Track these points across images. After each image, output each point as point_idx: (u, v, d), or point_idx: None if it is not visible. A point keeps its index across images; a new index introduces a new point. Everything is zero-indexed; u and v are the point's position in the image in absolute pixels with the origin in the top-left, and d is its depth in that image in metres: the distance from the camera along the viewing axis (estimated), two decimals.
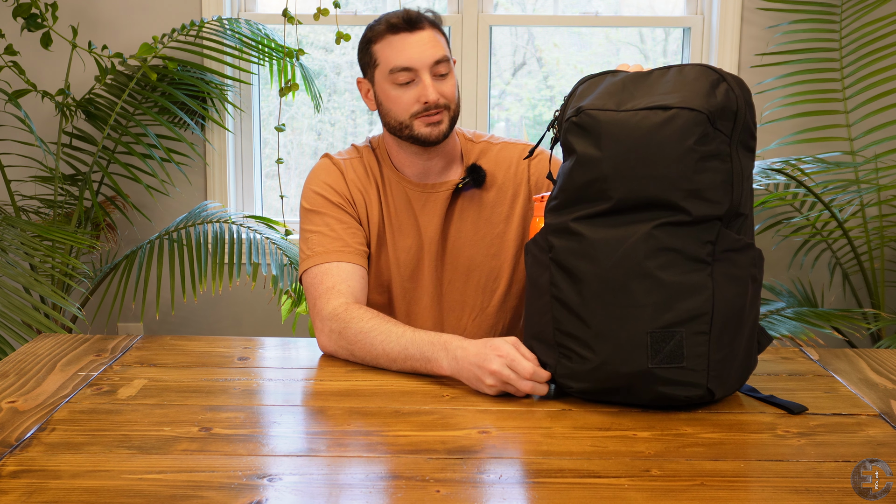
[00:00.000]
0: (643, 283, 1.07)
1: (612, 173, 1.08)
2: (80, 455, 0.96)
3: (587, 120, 1.10)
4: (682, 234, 1.08)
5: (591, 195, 1.10)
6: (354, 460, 0.96)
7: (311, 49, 3.10)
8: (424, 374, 1.24)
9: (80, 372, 1.23)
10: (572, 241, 1.11)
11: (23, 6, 2.53)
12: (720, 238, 1.09)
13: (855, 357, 1.35)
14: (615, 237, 1.08)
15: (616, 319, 1.08)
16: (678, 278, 1.07)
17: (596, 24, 3.04)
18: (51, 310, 1.97)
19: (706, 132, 1.07)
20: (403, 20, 1.44)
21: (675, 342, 1.07)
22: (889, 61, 2.79)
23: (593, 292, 1.09)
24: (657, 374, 1.07)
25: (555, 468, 0.94)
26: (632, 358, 1.08)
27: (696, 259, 1.08)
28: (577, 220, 1.11)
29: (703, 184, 1.07)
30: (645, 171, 1.07)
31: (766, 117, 2.93)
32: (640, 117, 1.08)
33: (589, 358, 1.10)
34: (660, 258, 1.07)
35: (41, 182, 2.80)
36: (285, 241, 2.60)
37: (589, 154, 1.10)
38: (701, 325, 1.07)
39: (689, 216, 1.07)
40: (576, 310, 1.11)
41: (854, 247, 2.67)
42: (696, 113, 1.06)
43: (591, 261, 1.09)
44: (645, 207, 1.08)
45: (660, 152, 1.07)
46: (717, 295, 1.08)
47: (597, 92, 1.14)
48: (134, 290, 2.89)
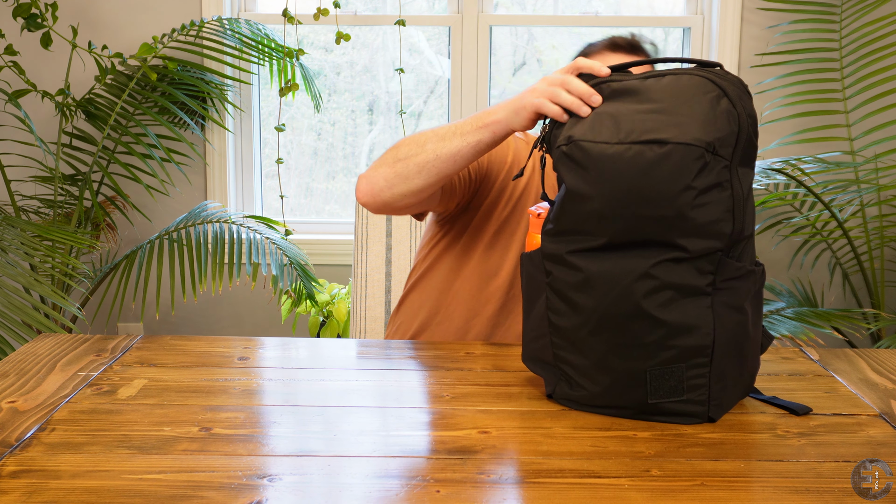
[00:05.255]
0: (642, 322, 1.04)
1: (603, 211, 1.03)
2: (80, 455, 0.96)
3: (577, 153, 1.05)
4: (681, 270, 1.03)
5: (584, 230, 1.06)
6: (354, 460, 0.96)
7: (311, 49, 3.09)
8: (474, 148, 1.26)
9: (80, 372, 1.23)
10: (569, 274, 1.07)
11: (23, 6, 2.54)
12: (720, 268, 1.04)
13: (855, 357, 1.35)
14: (612, 275, 1.04)
15: (614, 355, 1.06)
16: (678, 316, 1.04)
17: (596, 24, 3.04)
18: (51, 310, 1.97)
19: (705, 164, 1.01)
20: (628, 43, 1.49)
21: (675, 378, 1.05)
22: (889, 61, 2.80)
23: (591, 326, 1.06)
24: (657, 406, 1.07)
25: (555, 468, 0.94)
26: (631, 392, 1.07)
27: (696, 292, 1.04)
28: (571, 254, 1.07)
29: (702, 219, 1.02)
30: (639, 210, 1.02)
31: (766, 117, 2.93)
32: (634, 153, 1.02)
33: (587, 388, 1.09)
34: (659, 297, 1.03)
35: (41, 182, 2.80)
36: (285, 241, 2.60)
37: (579, 189, 1.05)
38: (702, 358, 1.05)
39: (687, 253, 1.03)
40: (574, 340, 1.09)
41: (854, 247, 2.67)
42: (690, 147, 1.01)
43: (589, 296, 1.06)
44: (641, 245, 1.04)
45: (655, 192, 1.01)
46: (718, 327, 1.05)
47: (596, 109, 1.09)
48: (134, 290, 2.89)
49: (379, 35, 3.12)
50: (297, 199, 3.20)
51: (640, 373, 1.06)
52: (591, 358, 1.08)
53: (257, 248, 2.52)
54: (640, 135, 1.02)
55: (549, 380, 1.14)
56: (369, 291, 1.82)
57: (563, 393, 1.12)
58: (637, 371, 1.06)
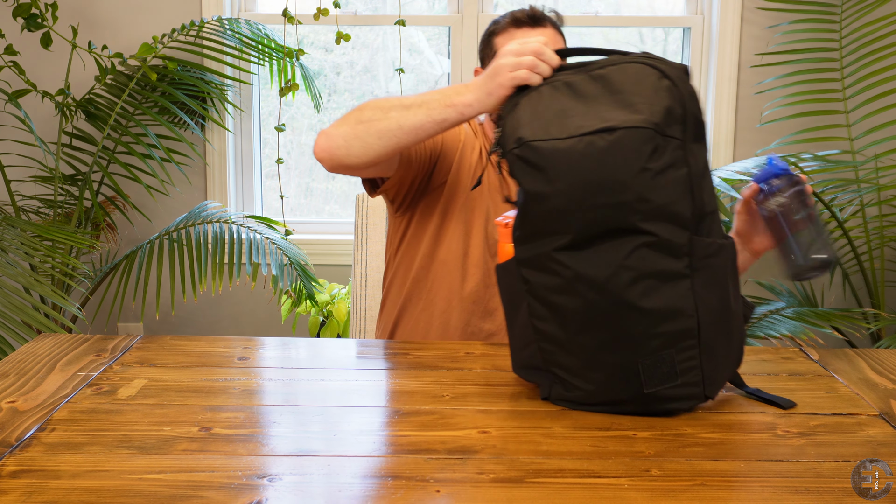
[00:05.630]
0: (627, 315, 1.04)
1: (565, 207, 1.03)
2: (80, 455, 0.96)
3: (530, 154, 1.05)
4: (655, 257, 1.03)
5: (550, 229, 1.05)
6: (354, 460, 0.96)
7: (311, 49, 3.10)
8: (438, 125, 1.27)
9: (80, 372, 1.23)
10: (546, 277, 1.07)
11: (23, 6, 2.54)
12: (693, 248, 1.05)
13: (855, 357, 1.35)
14: (590, 272, 1.04)
15: (604, 351, 1.06)
16: (661, 303, 1.04)
17: (596, 24, 3.04)
18: (51, 310, 1.97)
19: (657, 145, 1.02)
20: (528, 16, 1.48)
21: (667, 365, 1.06)
22: (889, 61, 2.80)
23: (577, 326, 1.06)
24: (654, 395, 1.07)
25: (555, 468, 0.94)
26: (626, 385, 1.07)
27: (675, 276, 1.04)
28: (544, 257, 1.06)
29: (662, 200, 1.02)
30: (599, 200, 1.02)
31: (766, 117, 2.93)
32: (586, 144, 1.02)
33: (582, 387, 1.09)
34: (639, 287, 1.03)
35: (41, 182, 2.80)
36: (285, 241, 2.60)
37: (538, 190, 1.04)
38: (690, 340, 1.05)
39: (656, 237, 1.03)
40: (562, 342, 1.09)
41: (854, 247, 2.67)
42: (640, 129, 1.01)
43: (570, 296, 1.06)
44: (608, 235, 1.03)
45: (611, 179, 1.02)
46: (701, 307, 1.05)
47: (538, 109, 1.09)
48: (134, 290, 2.89)
49: (379, 35, 3.12)
50: (297, 199, 3.20)
51: (631, 365, 1.06)
52: (581, 357, 1.08)
53: (257, 248, 2.52)
54: (590, 125, 1.03)
55: (544, 384, 1.13)
56: (369, 291, 1.82)
57: (559, 395, 1.12)
58: (629, 364, 1.06)
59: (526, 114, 1.09)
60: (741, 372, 1.20)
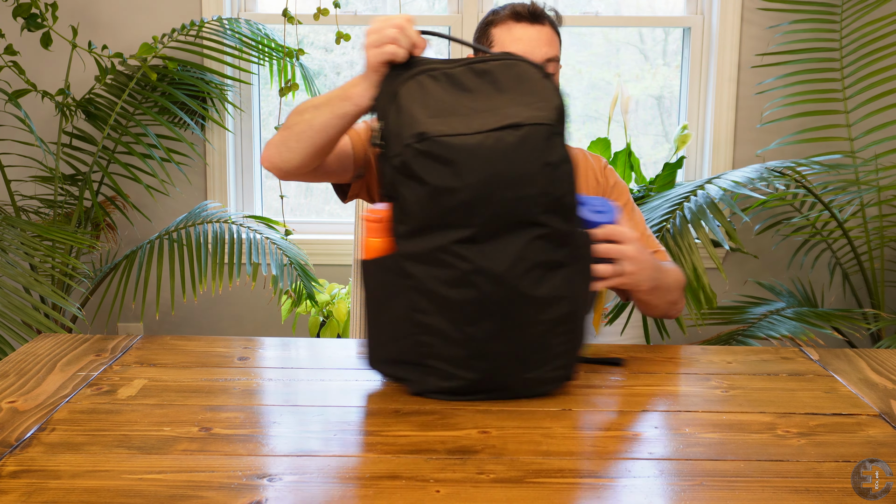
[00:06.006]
0: (518, 304, 1.08)
1: (472, 201, 1.05)
2: (80, 455, 0.96)
3: (436, 149, 1.05)
4: (546, 248, 1.08)
5: (451, 222, 1.06)
6: (354, 460, 0.96)
7: (311, 49, 3.10)
8: (341, 119, 1.26)
9: (80, 372, 1.23)
10: (440, 271, 1.08)
11: (23, 6, 2.54)
12: (573, 239, 1.11)
13: (855, 357, 1.35)
14: (488, 264, 1.06)
15: (494, 340, 1.09)
16: (546, 291, 1.09)
17: (596, 24, 3.04)
18: (51, 310, 1.97)
19: (554, 141, 1.07)
20: (529, 11, 1.49)
21: (546, 350, 1.11)
22: (889, 61, 2.80)
23: (468, 317, 1.08)
24: (533, 378, 1.12)
25: (555, 468, 0.94)
26: (509, 372, 1.11)
27: (557, 265, 1.10)
28: (442, 250, 1.07)
29: (559, 192, 1.08)
30: (506, 194, 1.05)
31: (767, 117, 2.93)
32: (495, 140, 1.05)
33: (465, 376, 1.11)
34: (531, 276, 1.08)
35: (41, 182, 2.80)
36: (285, 241, 2.60)
37: (446, 185, 1.05)
38: (567, 325, 1.12)
39: (549, 229, 1.08)
40: (447, 334, 1.09)
41: (854, 247, 2.67)
42: (545, 126, 1.06)
43: (465, 288, 1.07)
44: (509, 228, 1.06)
45: (519, 174, 1.05)
46: (577, 294, 1.12)
47: (429, 104, 1.08)
48: (134, 290, 2.89)
49: None
50: (297, 199, 3.20)
51: (516, 352, 1.10)
52: (468, 348, 1.09)
53: (257, 248, 2.52)
54: (495, 122, 1.06)
55: (415, 378, 1.14)
56: None
57: (436, 386, 1.13)
58: (514, 351, 1.10)
59: (417, 107, 1.08)
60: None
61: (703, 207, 2.19)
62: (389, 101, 1.11)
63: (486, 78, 1.10)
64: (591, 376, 1.27)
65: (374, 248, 1.13)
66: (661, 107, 3.18)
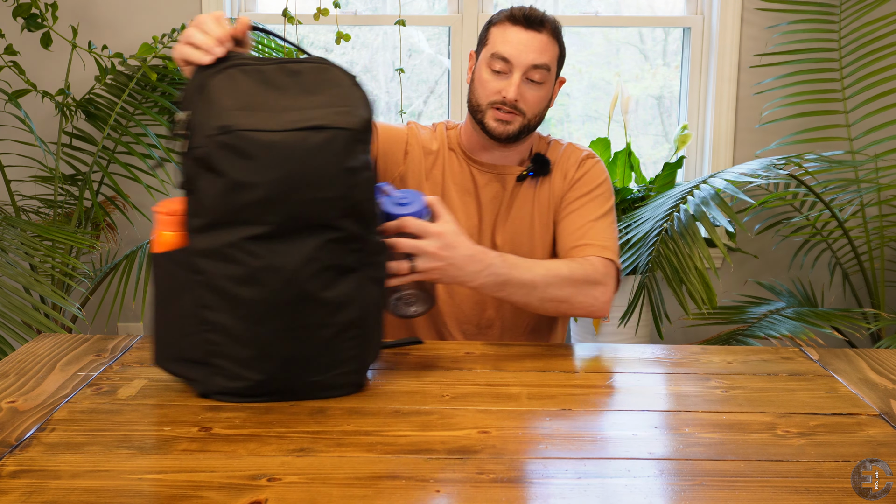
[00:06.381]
0: (307, 305, 1.08)
1: (270, 199, 1.04)
2: (80, 455, 0.96)
3: (238, 142, 1.03)
4: (338, 251, 1.08)
5: (246, 219, 1.05)
6: (354, 460, 0.96)
7: (311, 49, 3.10)
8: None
9: (80, 372, 1.23)
10: (230, 267, 1.06)
11: (23, 6, 2.54)
12: (366, 245, 1.11)
13: (855, 357, 1.35)
14: (278, 263, 1.06)
15: (281, 341, 1.09)
16: (336, 294, 1.09)
17: (596, 24, 3.04)
18: (51, 310, 1.97)
19: (357, 147, 1.07)
20: (524, 16, 1.49)
21: (334, 354, 1.11)
22: (889, 61, 2.80)
23: (256, 316, 1.07)
24: (320, 382, 1.12)
25: (555, 468, 0.94)
26: (295, 374, 1.11)
27: (348, 270, 1.10)
28: (233, 246, 1.06)
29: (358, 198, 1.08)
30: (305, 195, 1.05)
31: (767, 117, 2.93)
32: (299, 139, 1.04)
33: (250, 377, 1.10)
34: (321, 278, 1.08)
35: (41, 182, 2.80)
36: None
37: (245, 179, 1.04)
38: (356, 330, 1.12)
39: (344, 232, 1.08)
40: (235, 333, 1.08)
41: (854, 247, 2.68)
42: (350, 131, 1.06)
43: (255, 286, 1.06)
44: (304, 229, 1.06)
45: (319, 176, 1.05)
46: (368, 300, 1.12)
47: (239, 97, 1.07)
48: (134, 290, 2.89)
49: (379, 35, 3.12)
50: None
51: (304, 355, 1.10)
52: (255, 348, 1.09)
53: None
54: (301, 122, 1.05)
55: (200, 377, 1.12)
56: None
57: (221, 387, 1.11)
58: (301, 353, 1.10)
59: (226, 99, 1.07)
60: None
61: (708, 199, 2.19)
62: (197, 92, 1.09)
63: (297, 78, 1.10)
64: (591, 376, 1.27)
65: (165, 243, 1.11)
66: (661, 107, 3.18)
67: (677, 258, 2.15)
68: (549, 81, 1.52)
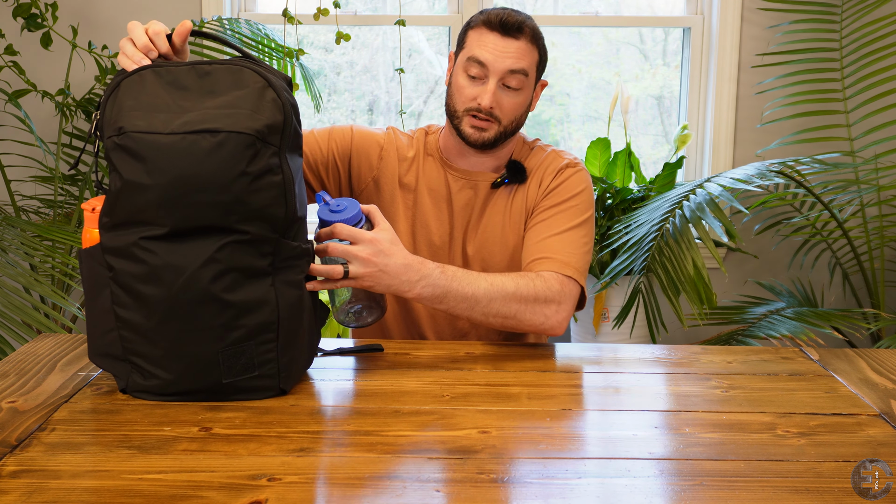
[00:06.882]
0: (210, 306, 1.07)
1: (162, 202, 1.05)
2: (80, 455, 0.96)
3: (131, 144, 1.04)
4: (243, 253, 1.08)
5: (143, 220, 1.06)
6: (354, 460, 0.96)
7: (311, 49, 3.10)
8: None
9: (80, 372, 1.23)
10: (134, 266, 1.07)
11: (23, 6, 2.53)
12: (279, 249, 1.11)
13: (855, 357, 1.35)
14: (178, 262, 1.06)
15: (186, 341, 1.09)
16: (243, 296, 1.09)
17: (596, 24, 3.04)
18: (51, 310, 1.97)
19: (257, 151, 1.06)
20: (501, 22, 1.44)
21: (246, 357, 1.11)
22: (889, 61, 2.80)
23: (161, 316, 1.08)
24: (231, 385, 1.12)
25: (555, 468, 0.94)
26: (205, 375, 1.11)
27: (259, 273, 1.10)
28: (134, 245, 1.07)
29: (258, 204, 1.07)
30: (197, 198, 1.05)
31: (767, 117, 2.93)
32: (189, 143, 1.04)
33: (161, 376, 1.11)
34: (224, 280, 1.07)
35: (41, 182, 2.80)
36: None
37: (136, 181, 1.05)
38: (269, 334, 1.11)
39: (248, 236, 1.08)
40: (144, 331, 1.09)
41: (854, 247, 2.68)
42: (246, 136, 1.05)
43: (156, 285, 1.07)
44: (201, 231, 1.06)
45: (211, 180, 1.04)
46: (281, 304, 1.12)
47: (141, 98, 1.08)
48: None
49: (379, 35, 3.12)
50: None
51: (212, 356, 1.10)
52: (162, 347, 1.09)
53: None
54: (195, 124, 1.05)
55: (121, 374, 1.14)
56: None
57: (137, 385, 1.13)
58: (209, 354, 1.10)
59: (128, 101, 1.08)
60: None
61: (703, 205, 2.18)
62: (111, 91, 1.11)
63: (205, 80, 1.10)
64: (591, 376, 1.27)
65: (90, 239, 1.14)
66: (661, 107, 3.18)
67: (672, 265, 2.14)
68: (528, 87, 1.48)
